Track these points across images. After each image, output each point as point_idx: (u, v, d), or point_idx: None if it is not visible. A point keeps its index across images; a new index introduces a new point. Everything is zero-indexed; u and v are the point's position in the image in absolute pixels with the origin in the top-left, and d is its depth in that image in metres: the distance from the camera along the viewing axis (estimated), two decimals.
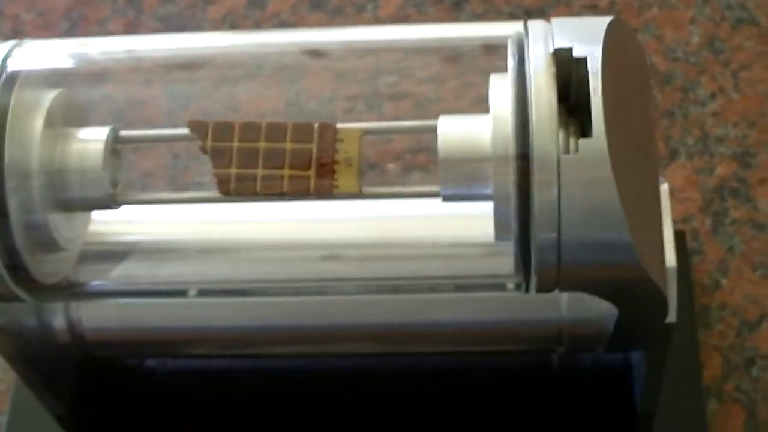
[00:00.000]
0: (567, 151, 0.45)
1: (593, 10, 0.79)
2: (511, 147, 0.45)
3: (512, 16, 0.79)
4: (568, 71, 0.46)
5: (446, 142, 0.48)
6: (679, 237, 0.69)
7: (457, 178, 0.48)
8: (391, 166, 0.61)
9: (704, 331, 0.67)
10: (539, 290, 0.48)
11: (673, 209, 0.66)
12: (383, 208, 0.55)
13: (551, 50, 0.46)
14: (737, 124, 0.73)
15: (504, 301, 0.58)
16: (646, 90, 0.53)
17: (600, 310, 0.57)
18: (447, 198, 0.48)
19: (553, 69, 0.46)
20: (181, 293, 0.54)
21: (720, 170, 0.72)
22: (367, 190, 0.50)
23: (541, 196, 0.45)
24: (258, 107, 0.57)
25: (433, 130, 0.48)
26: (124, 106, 0.57)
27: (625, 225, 0.45)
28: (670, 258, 0.56)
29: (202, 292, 0.55)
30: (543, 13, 0.79)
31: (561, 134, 0.45)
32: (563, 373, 0.65)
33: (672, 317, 0.56)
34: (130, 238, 0.56)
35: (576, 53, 0.46)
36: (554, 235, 0.45)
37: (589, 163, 0.45)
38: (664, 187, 0.57)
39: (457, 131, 0.48)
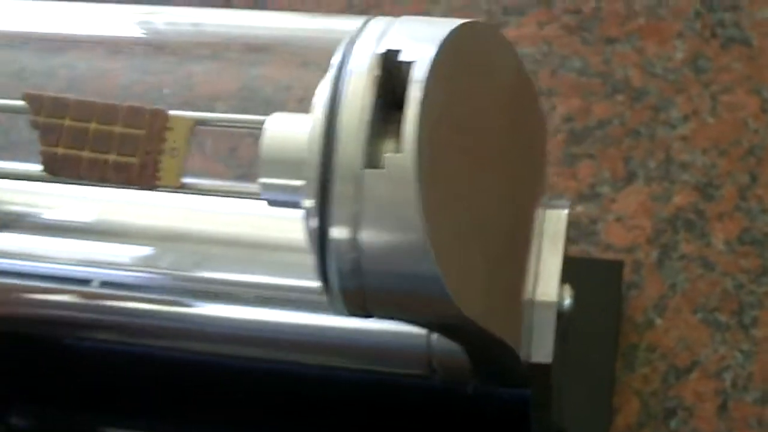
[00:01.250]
0: (374, 165, 0.39)
1: (576, 15, 0.72)
2: (317, 154, 0.39)
3: (488, 14, 0.72)
4: (400, 77, 0.40)
5: (270, 140, 0.42)
6: (615, 267, 0.62)
7: (276, 179, 0.42)
8: None
9: (627, 372, 0.60)
10: (352, 314, 0.42)
11: (619, 237, 0.60)
12: (217, 203, 0.49)
13: (380, 51, 0.40)
14: (707, 151, 0.66)
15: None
16: (525, 107, 0.47)
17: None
18: (269, 201, 0.43)
19: (376, 72, 0.39)
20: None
21: (678, 199, 0.65)
22: (188, 183, 0.44)
23: (340, 213, 0.39)
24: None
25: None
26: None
27: (430, 255, 0.39)
28: (550, 292, 0.49)
29: None
30: (522, 14, 0.72)
31: (372, 145, 0.39)
32: (473, 403, 0.59)
33: (546, 357, 0.50)
34: None
35: (404, 57, 0.40)
36: (354, 256, 0.39)
37: (394, 180, 0.38)
38: (561, 213, 0.51)
39: (283, 130, 0.42)
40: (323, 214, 0.39)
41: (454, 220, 0.40)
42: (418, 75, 0.39)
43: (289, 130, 0.42)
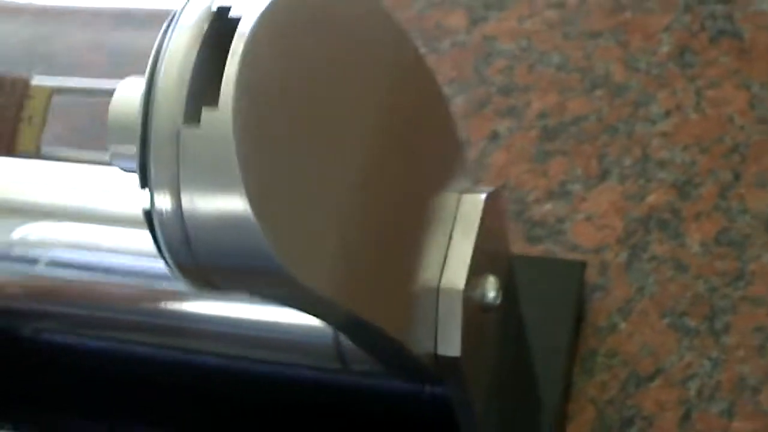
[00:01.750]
0: (192, 122, 0.35)
1: (559, 8, 0.68)
2: (139, 115, 0.36)
3: (468, 8, 0.69)
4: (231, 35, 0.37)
5: (115, 105, 0.40)
6: (576, 268, 0.57)
7: (120, 145, 0.39)
8: None
9: (584, 378, 0.56)
10: (201, 288, 0.39)
11: (587, 237, 0.56)
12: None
13: (213, 7, 0.37)
14: (687, 148, 0.61)
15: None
16: (419, 88, 0.43)
17: None
18: (122, 168, 0.40)
19: (203, 26, 0.36)
20: None
21: (653, 198, 0.60)
22: (47, 151, 0.42)
23: (160, 178, 0.36)
24: None
25: None
26: None
27: (254, 224, 0.35)
28: (456, 279, 0.45)
29: None
30: (503, 8, 0.68)
31: (193, 103, 0.36)
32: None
33: (454, 350, 0.46)
34: None
35: (234, 12, 0.36)
36: (180, 226, 0.36)
37: (211, 139, 0.35)
38: (477, 199, 0.47)
39: (128, 94, 0.40)
40: (146, 179, 0.36)
41: (293, 189, 0.37)
42: (243, 29, 0.36)
43: (132, 93, 0.39)
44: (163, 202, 0.36)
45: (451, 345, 0.46)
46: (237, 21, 0.36)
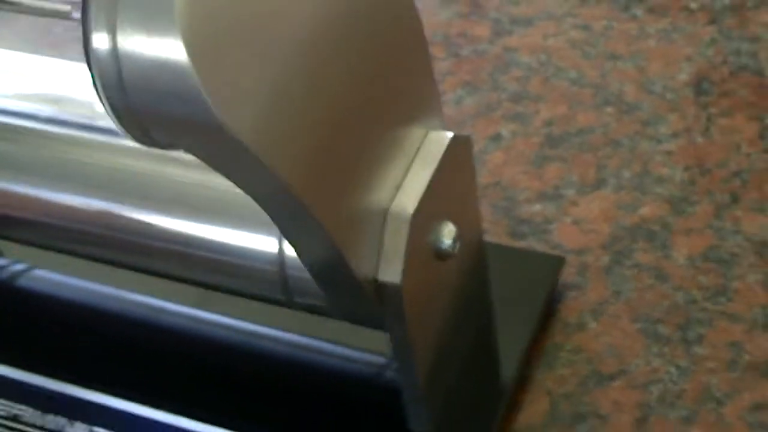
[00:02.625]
0: None
1: (585, 30, 0.66)
2: None
3: (495, 22, 0.68)
4: None
5: None
6: (553, 262, 0.55)
7: None
8: None
9: (543, 371, 0.53)
10: (139, 140, 0.38)
11: (571, 239, 0.54)
12: None
13: None
14: (689, 168, 0.59)
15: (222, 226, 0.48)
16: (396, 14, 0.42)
17: None
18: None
19: None
20: None
21: (645, 210, 0.58)
22: None
23: (98, 14, 0.35)
24: None
25: None
26: None
27: (187, 66, 0.34)
28: (406, 205, 0.44)
29: None
30: (530, 25, 0.68)
31: None
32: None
33: (395, 276, 0.44)
34: None
35: None
36: (116, 68, 0.35)
37: None
38: (442, 136, 0.46)
39: None
40: (86, 18, 0.35)
41: (234, 38, 0.35)
42: None
43: None
44: (100, 42, 0.35)
45: (392, 271, 0.44)
46: None
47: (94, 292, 0.58)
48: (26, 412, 0.53)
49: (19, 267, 0.60)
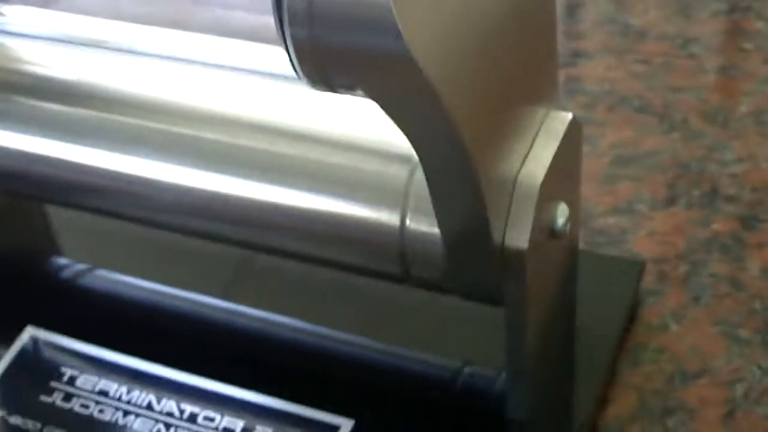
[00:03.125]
0: None
1: (645, 64, 0.69)
2: None
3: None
4: None
5: None
6: (635, 266, 0.56)
7: None
8: None
9: (630, 368, 0.54)
10: (313, 81, 0.38)
11: (648, 249, 0.56)
12: None
13: None
14: (756, 190, 0.61)
15: (342, 199, 0.48)
16: None
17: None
18: None
19: None
20: None
21: (717, 226, 0.59)
22: None
23: None
24: None
25: None
26: None
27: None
28: (535, 175, 0.45)
29: None
30: (591, 58, 0.70)
31: None
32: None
33: (522, 242, 0.45)
34: None
35: None
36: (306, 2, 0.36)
37: None
38: (565, 116, 0.47)
39: None
40: None
41: None
42: None
43: None
44: None
45: (519, 237, 0.44)
46: None
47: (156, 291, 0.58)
48: (112, 387, 0.53)
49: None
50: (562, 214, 0.47)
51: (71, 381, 0.54)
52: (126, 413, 0.52)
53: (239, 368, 0.53)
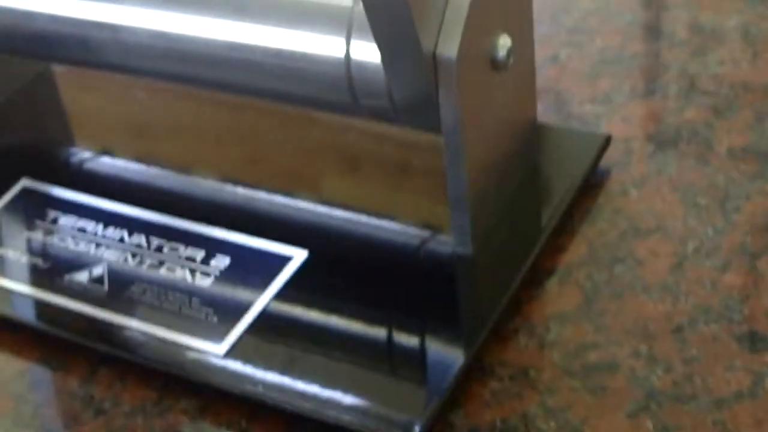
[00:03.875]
0: None
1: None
2: None
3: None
4: None
5: None
6: (599, 139, 0.58)
7: None
8: None
9: (585, 225, 0.55)
10: None
11: (620, 130, 0.58)
12: None
13: None
14: (734, 87, 0.62)
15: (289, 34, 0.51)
16: None
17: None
18: None
19: None
20: None
21: (690, 114, 0.61)
22: None
23: None
24: None
25: None
26: None
27: None
28: None
29: None
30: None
31: None
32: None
33: (451, 51, 0.47)
34: None
35: None
36: None
37: None
38: None
39: None
40: None
41: None
42: None
43: None
44: None
45: (450, 45, 0.46)
46: None
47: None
48: (89, 225, 0.56)
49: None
50: (503, 45, 0.49)
51: (54, 221, 0.57)
52: (98, 245, 0.54)
53: (203, 208, 0.56)
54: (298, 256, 0.52)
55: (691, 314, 0.49)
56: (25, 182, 0.59)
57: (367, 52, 0.48)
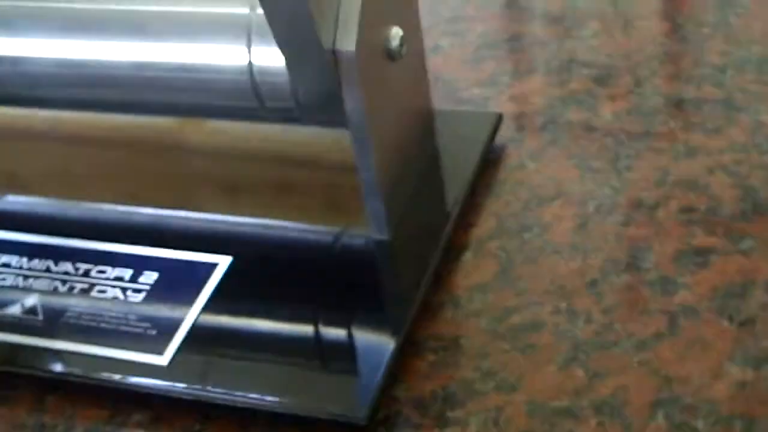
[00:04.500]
0: None
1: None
2: None
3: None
4: None
5: None
6: (492, 117, 0.61)
7: None
8: None
9: (490, 199, 0.58)
10: None
11: (510, 108, 0.61)
12: None
13: None
14: (611, 56, 0.66)
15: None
16: None
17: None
18: None
19: None
20: None
21: (574, 85, 0.64)
22: None
23: None
24: None
25: None
26: None
27: None
28: None
29: None
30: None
31: None
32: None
33: (350, 45, 0.49)
34: None
35: None
36: None
37: None
38: None
39: None
40: None
41: None
42: None
43: None
44: None
45: (347, 39, 0.49)
46: None
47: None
48: (13, 260, 0.57)
49: None
50: (395, 35, 0.52)
51: None
52: (26, 277, 0.56)
53: (120, 231, 0.57)
54: (222, 262, 0.54)
55: (602, 268, 0.52)
56: None
57: (268, 56, 0.50)
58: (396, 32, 0.52)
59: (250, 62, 0.51)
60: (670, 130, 0.59)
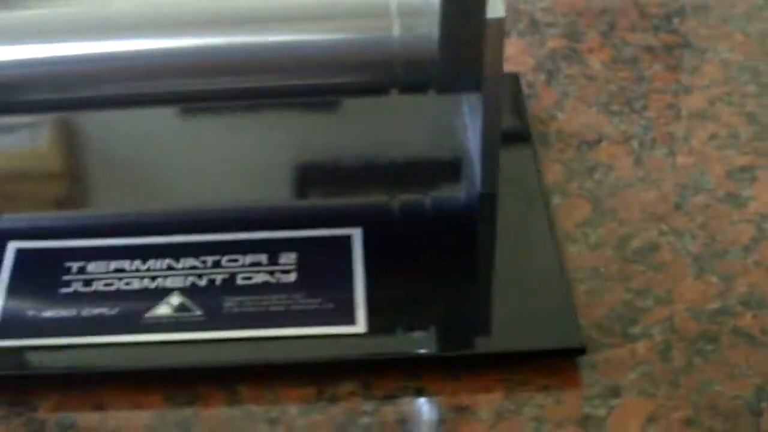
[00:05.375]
0: None
1: None
2: None
3: None
4: None
5: None
6: (512, 79, 0.67)
7: None
8: None
9: (544, 149, 0.64)
10: None
11: (508, 69, 0.65)
12: None
13: None
14: (566, 15, 0.73)
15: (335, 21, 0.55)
16: None
17: (432, 34, 0.55)
18: None
19: None
20: None
21: (551, 43, 0.71)
22: None
23: None
24: None
25: None
26: None
27: None
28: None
29: None
30: None
31: None
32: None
33: (499, 12, 0.53)
34: None
35: None
36: None
37: None
38: None
39: None
40: None
41: None
42: None
43: None
44: None
45: (497, 8, 0.53)
46: None
47: None
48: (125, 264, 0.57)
49: None
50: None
51: (81, 270, 0.56)
52: (153, 278, 0.56)
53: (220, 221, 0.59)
54: (354, 233, 0.57)
55: (677, 193, 0.60)
56: (15, 245, 0.58)
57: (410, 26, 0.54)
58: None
59: (391, 34, 0.54)
60: (658, 73, 0.68)
